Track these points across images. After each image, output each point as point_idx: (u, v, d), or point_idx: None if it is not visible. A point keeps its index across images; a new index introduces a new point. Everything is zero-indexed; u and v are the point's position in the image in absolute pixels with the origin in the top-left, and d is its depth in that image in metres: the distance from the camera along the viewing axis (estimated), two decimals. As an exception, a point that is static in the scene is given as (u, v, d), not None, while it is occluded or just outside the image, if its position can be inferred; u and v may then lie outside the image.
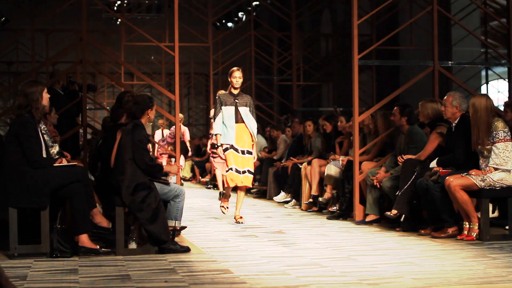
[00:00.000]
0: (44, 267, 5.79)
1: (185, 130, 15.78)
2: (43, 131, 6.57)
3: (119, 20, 19.63)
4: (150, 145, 7.44)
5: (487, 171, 7.01)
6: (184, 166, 17.78)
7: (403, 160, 7.87)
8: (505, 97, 15.48)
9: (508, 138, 7.04)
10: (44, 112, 6.65)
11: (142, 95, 7.03)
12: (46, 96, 6.40)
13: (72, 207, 6.35)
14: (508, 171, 7.02)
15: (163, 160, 14.75)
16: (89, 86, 10.98)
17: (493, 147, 7.01)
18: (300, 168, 10.73)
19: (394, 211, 7.76)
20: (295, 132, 12.45)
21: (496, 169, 7.00)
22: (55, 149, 7.01)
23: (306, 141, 11.54)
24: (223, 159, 8.82)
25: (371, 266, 5.65)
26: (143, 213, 6.36)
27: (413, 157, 7.85)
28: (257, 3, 19.47)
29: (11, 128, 6.37)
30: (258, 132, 14.66)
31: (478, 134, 7.04)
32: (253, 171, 8.78)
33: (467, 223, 7.07)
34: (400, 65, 16.79)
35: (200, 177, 17.27)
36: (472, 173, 7.03)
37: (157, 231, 6.38)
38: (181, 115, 14.58)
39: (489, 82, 17.38)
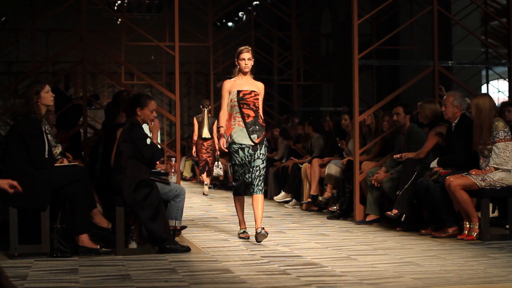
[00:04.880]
0: (44, 267, 5.79)
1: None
2: (47, 131, 6.57)
3: (119, 20, 19.61)
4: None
5: (487, 170, 7.01)
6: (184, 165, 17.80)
7: (402, 157, 7.85)
8: (505, 97, 15.50)
9: (509, 138, 7.04)
10: (49, 111, 6.64)
11: (141, 94, 7.01)
12: (47, 95, 6.38)
13: (72, 207, 6.36)
14: (508, 171, 7.02)
15: None
16: (94, 95, 11.13)
17: (493, 147, 7.02)
18: (300, 167, 10.74)
19: (394, 211, 7.77)
20: (293, 134, 12.51)
21: (496, 168, 7.00)
22: (58, 150, 7.01)
23: (306, 143, 11.56)
24: None
25: (371, 266, 5.65)
26: (145, 211, 6.36)
27: (413, 155, 7.84)
28: (257, 3, 19.43)
29: (17, 127, 6.35)
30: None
31: (481, 134, 7.04)
32: None
33: (467, 223, 7.08)
34: (400, 65, 16.79)
35: (200, 177, 17.28)
36: (472, 173, 7.03)
37: (158, 229, 6.38)
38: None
39: (490, 82, 17.38)
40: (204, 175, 13.65)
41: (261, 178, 7.18)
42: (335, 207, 9.50)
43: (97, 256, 6.28)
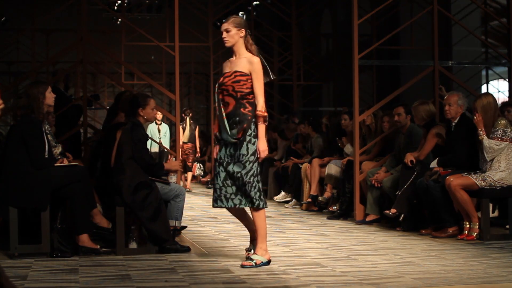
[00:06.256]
0: (45, 266, 5.79)
1: None
2: (47, 131, 6.57)
3: (119, 20, 19.60)
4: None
5: (483, 134, 6.99)
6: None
7: (413, 162, 7.74)
8: (505, 97, 15.49)
9: (506, 138, 7.03)
10: (48, 112, 6.65)
11: (138, 94, 7.03)
12: (50, 95, 6.41)
13: (72, 207, 6.36)
14: (502, 171, 7.01)
15: None
16: (94, 96, 11.20)
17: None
18: (300, 167, 10.74)
19: (393, 210, 7.77)
20: (290, 135, 12.56)
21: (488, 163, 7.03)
22: (58, 150, 7.02)
23: (306, 143, 11.56)
24: None
25: (371, 266, 5.65)
26: (144, 212, 6.36)
27: (415, 155, 7.83)
28: (257, 3, 19.42)
29: (17, 127, 6.36)
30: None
31: (487, 134, 7.04)
32: None
33: (467, 223, 7.08)
34: (400, 65, 16.79)
35: (201, 177, 17.31)
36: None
37: (158, 230, 6.38)
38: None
39: (490, 82, 17.37)
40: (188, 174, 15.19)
41: (248, 187, 5.53)
42: (335, 207, 9.50)
43: (97, 256, 6.28)
